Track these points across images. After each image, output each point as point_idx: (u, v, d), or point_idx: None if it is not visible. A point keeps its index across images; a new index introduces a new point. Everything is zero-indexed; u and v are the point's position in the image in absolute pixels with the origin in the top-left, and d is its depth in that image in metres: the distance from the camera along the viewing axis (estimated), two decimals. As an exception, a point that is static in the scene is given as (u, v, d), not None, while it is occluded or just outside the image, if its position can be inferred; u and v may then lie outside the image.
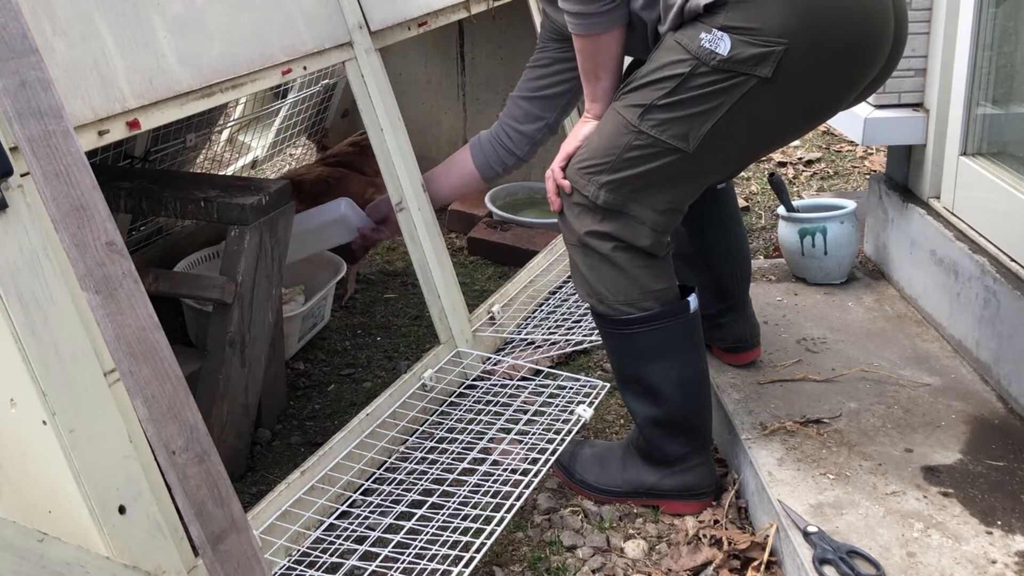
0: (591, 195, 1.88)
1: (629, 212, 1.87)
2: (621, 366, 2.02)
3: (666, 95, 1.78)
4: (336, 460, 2.03)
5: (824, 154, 4.23)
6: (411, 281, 3.09)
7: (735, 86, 1.72)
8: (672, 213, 1.90)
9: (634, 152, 1.83)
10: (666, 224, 1.90)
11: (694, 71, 1.74)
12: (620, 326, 1.95)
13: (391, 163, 2.38)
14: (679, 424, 1.99)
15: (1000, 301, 2.17)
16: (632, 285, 1.91)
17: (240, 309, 2.07)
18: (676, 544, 1.94)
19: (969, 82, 2.41)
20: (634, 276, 1.90)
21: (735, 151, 1.87)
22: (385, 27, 2.41)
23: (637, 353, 1.97)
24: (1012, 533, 1.77)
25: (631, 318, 1.92)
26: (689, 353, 1.97)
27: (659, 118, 1.79)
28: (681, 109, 1.77)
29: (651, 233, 1.88)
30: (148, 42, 1.78)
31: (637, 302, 1.92)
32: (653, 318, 1.92)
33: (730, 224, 2.28)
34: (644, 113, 1.81)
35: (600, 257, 1.91)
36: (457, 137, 3.75)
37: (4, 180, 1.44)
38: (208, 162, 3.49)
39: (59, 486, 1.47)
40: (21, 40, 1.43)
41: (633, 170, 1.84)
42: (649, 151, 1.82)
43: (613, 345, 2.01)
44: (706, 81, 1.74)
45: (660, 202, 1.87)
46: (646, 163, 1.83)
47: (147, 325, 1.41)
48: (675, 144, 1.79)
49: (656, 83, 1.79)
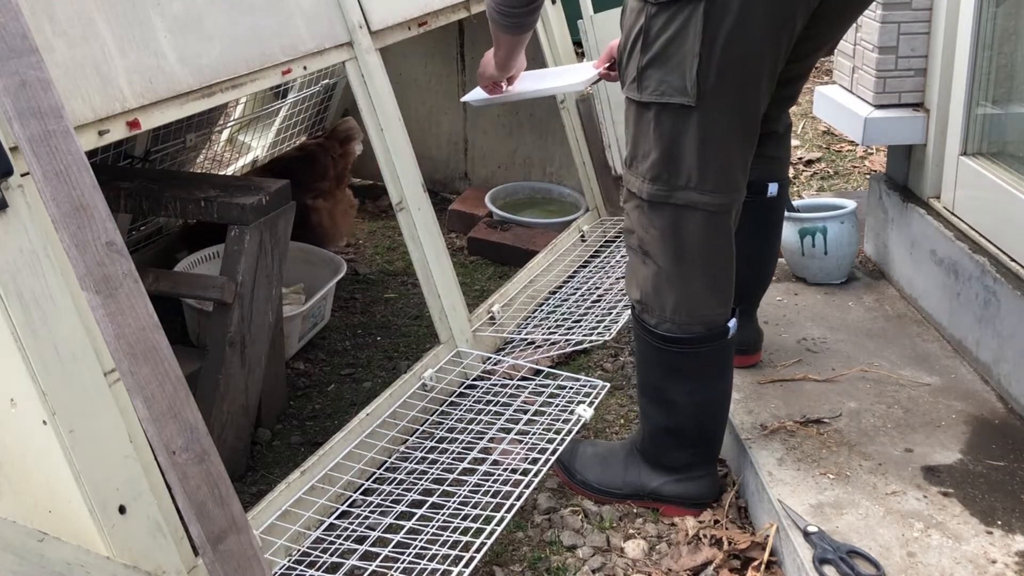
0: (638, 190, 1.83)
1: (676, 201, 1.79)
2: (646, 372, 1.98)
3: (643, 54, 1.74)
4: (336, 460, 2.03)
5: (824, 154, 4.23)
6: (411, 281, 3.09)
7: (688, 17, 1.67)
8: (722, 190, 1.79)
9: (653, 127, 1.77)
10: (719, 205, 1.79)
11: (649, 17, 1.71)
12: (658, 340, 1.89)
13: (391, 163, 2.38)
14: (691, 437, 1.97)
15: (1000, 301, 2.17)
16: (683, 306, 1.84)
17: (240, 309, 2.07)
18: (676, 544, 1.94)
19: (969, 82, 2.41)
20: (687, 297, 1.83)
21: (740, 83, 1.74)
22: (385, 27, 2.41)
23: (668, 368, 1.92)
24: (1012, 533, 1.77)
25: (672, 337, 1.87)
26: (718, 376, 1.94)
27: (651, 80, 1.74)
28: (663, 62, 1.72)
29: (704, 221, 1.79)
30: (148, 42, 1.78)
31: (685, 324, 1.85)
32: (695, 342, 1.87)
33: (770, 234, 2.26)
34: (639, 84, 1.76)
35: (657, 269, 1.84)
36: (457, 137, 3.75)
37: (4, 180, 1.44)
38: (208, 162, 3.49)
39: (59, 486, 1.47)
40: (21, 40, 1.43)
41: (661, 147, 1.77)
42: (663, 119, 1.75)
43: (644, 351, 1.95)
44: (663, 22, 1.70)
45: (702, 178, 1.76)
46: (667, 134, 1.75)
47: (147, 325, 1.41)
48: (679, 101, 1.72)
49: (632, 48, 1.77)
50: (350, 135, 3.18)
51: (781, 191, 2.21)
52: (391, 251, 3.39)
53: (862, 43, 2.65)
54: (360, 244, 3.46)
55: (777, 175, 2.20)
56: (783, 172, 2.23)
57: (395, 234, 3.43)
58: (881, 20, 2.53)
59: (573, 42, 3.24)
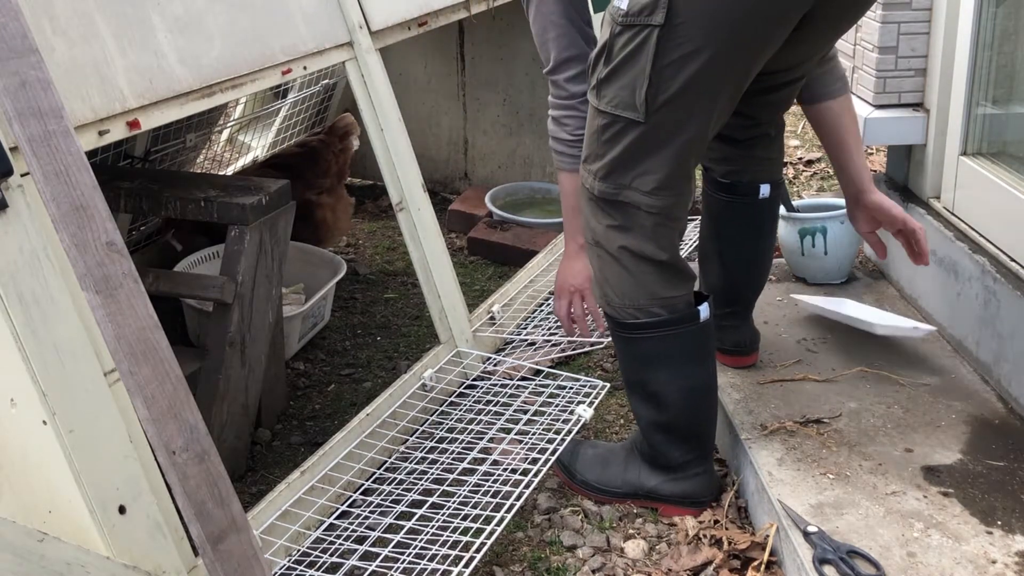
0: (589, 186, 1.90)
1: (624, 199, 1.86)
2: (627, 369, 2.02)
3: (604, 66, 1.80)
4: (336, 460, 2.03)
5: (824, 154, 4.23)
6: (411, 281, 3.09)
7: (643, 41, 1.73)
8: (664, 194, 1.84)
9: (605, 134, 1.84)
10: (661, 207, 1.85)
11: (613, 35, 1.77)
12: (626, 330, 1.94)
13: (391, 163, 2.38)
14: (682, 431, 1.98)
15: (1000, 301, 2.17)
16: (639, 289, 1.89)
17: (240, 309, 2.07)
18: (676, 544, 1.94)
19: (969, 82, 2.41)
20: (642, 280, 1.89)
21: (689, 105, 1.77)
22: (385, 27, 2.41)
23: (642, 358, 1.96)
24: (1012, 533, 1.77)
25: (637, 323, 1.91)
26: (697, 362, 1.96)
27: (607, 92, 1.81)
28: (618, 78, 1.79)
29: (649, 219, 1.85)
30: (148, 42, 1.78)
31: (644, 307, 1.90)
32: (659, 324, 1.90)
33: (763, 234, 2.27)
34: (597, 91, 1.83)
35: (610, 258, 1.90)
36: (457, 137, 3.75)
37: (4, 180, 1.44)
38: (208, 162, 3.49)
39: (59, 486, 1.47)
40: (21, 40, 1.43)
41: (610, 153, 1.84)
42: (614, 129, 1.82)
43: (620, 348, 2.00)
44: (623, 42, 1.76)
45: (645, 182, 1.84)
46: (616, 142, 1.83)
47: (147, 325, 1.41)
48: (628, 115, 1.79)
49: (597, 60, 1.83)
50: (348, 130, 3.19)
51: (773, 191, 2.22)
52: (391, 251, 3.39)
53: (862, 43, 2.65)
54: (360, 244, 3.46)
55: (769, 176, 2.21)
56: (776, 173, 2.24)
57: (395, 234, 3.43)
58: (881, 20, 2.53)
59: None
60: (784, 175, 3.95)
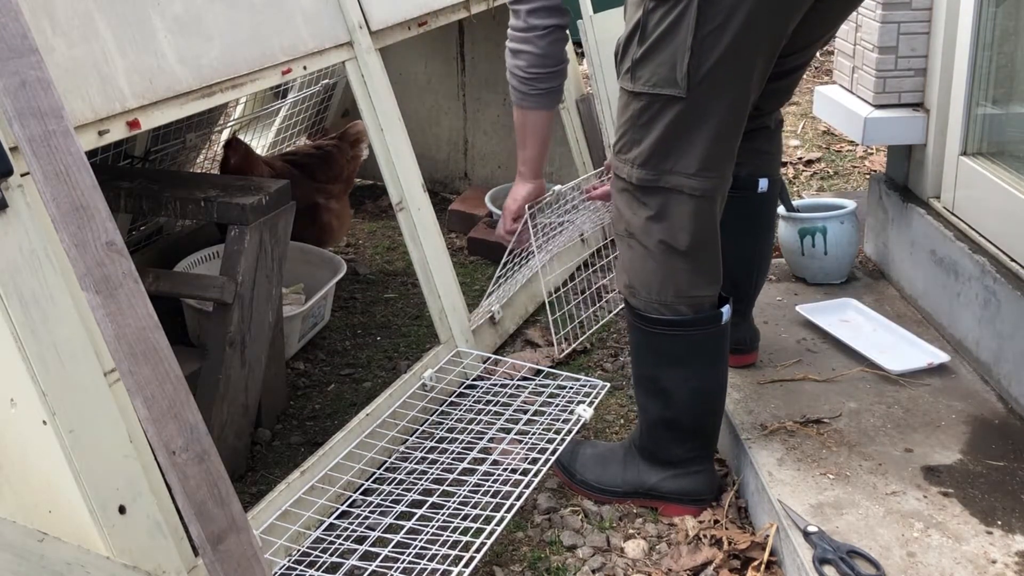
0: (627, 175, 1.86)
1: (664, 184, 1.82)
2: (640, 362, 2.00)
3: (639, 46, 1.79)
4: (336, 460, 2.03)
5: (824, 154, 4.23)
6: (411, 281, 3.09)
7: (683, 11, 1.72)
8: (707, 175, 1.82)
9: (643, 116, 1.81)
10: (705, 189, 1.82)
11: (647, 12, 1.76)
12: (648, 324, 1.92)
13: (391, 163, 2.38)
14: (688, 429, 1.98)
15: (1000, 301, 2.17)
16: (668, 286, 1.87)
17: (240, 309, 2.07)
18: (676, 544, 1.94)
19: (969, 82, 2.41)
20: (673, 277, 1.87)
21: (730, 77, 1.78)
22: (385, 27, 2.41)
23: (659, 354, 1.94)
24: (1012, 533, 1.77)
25: (661, 319, 1.90)
26: (711, 363, 1.95)
27: (644, 72, 1.79)
28: (656, 54, 1.77)
29: (691, 203, 1.82)
30: (148, 42, 1.78)
31: (671, 304, 1.88)
32: (683, 324, 1.89)
33: (762, 230, 2.27)
34: (632, 73, 1.81)
35: (644, 251, 1.87)
36: (457, 137, 3.75)
37: (4, 180, 1.44)
38: (208, 162, 3.49)
39: (59, 486, 1.47)
40: (21, 40, 1.43)
41: (649, 136, 1.81)
42: (653, 110, 1.80)
43: (636, 339, 1.98)
44: (660, 16, 1.75)
45: (688, 164, 1.81)
46: (655, 123, 1.80)
47: (147, 325, 1.41)
48: (668, 92, 1.77)
49: (629, 41, 1.81)
50: (359, 138, 3.20)
51: (772, 187, 2.23)
52: (391, 251, 3.39)
53: (862, 43, 2.65)
54: (360, 244, 3.46)
55: (767, 170, 2.21)
56: (774, 168, 2.24)
57: (395, 234, 3.43)
58: (881, 20, 2.53)
59: (573, 42, 3.23)
60: (784, 175, 3.95)
